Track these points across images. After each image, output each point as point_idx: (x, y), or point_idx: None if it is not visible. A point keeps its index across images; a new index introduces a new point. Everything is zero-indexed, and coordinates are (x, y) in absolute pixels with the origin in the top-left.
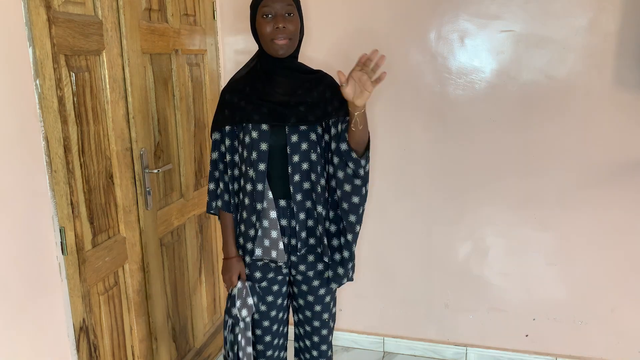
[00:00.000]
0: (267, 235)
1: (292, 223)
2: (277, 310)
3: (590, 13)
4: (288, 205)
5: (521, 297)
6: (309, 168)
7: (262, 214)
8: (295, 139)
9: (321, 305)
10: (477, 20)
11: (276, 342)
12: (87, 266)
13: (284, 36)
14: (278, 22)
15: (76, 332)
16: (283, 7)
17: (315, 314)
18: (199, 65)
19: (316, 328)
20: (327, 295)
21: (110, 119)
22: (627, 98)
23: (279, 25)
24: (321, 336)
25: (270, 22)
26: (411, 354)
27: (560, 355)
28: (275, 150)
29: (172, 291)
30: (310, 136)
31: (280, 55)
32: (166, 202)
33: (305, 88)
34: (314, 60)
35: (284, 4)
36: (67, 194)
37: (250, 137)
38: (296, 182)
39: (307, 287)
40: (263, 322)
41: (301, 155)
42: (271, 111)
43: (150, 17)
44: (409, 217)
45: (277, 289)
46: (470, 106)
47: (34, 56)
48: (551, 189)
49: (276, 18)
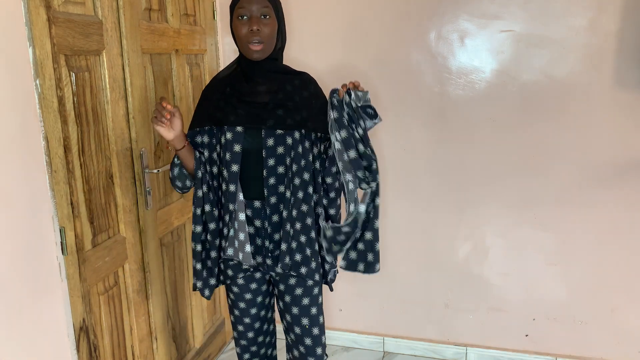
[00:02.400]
0: (237, 236)
1: (265, 224)
2: (258, 308)
3: (590, 13)
4: (262, 206)
5: (521, 297)
6: (284, 172)
7: (234, 215)
8: (271, 142)
9: (299, 307)
10: (477, 20)
11: (261, 340)
12: (87, 266)
13: (258, 39)
14: (252, 24)
15: (76, 332)
16: (259, 8)
17: (294, 316)
18: (199, 65)
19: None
20: (304, 297)
21: (110, 119)
22: (627, 98)
23: (253, 28)
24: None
25: (245, 24)
26: (411, 354)
27: (560, 355)
28: (251, 152)
29: (172, 291)
30: (287, 140)
31: (255, 59)
32: (166, 202)
33: (286, 91)
34: (310, 63)
35: (259, 6)
36: (67, 194)
37: (225, 138)
38: (271, 185)
39: (284, 286)
40: (244, 319)
41: (277, 158)
42: (248, 113)
43: (150, 17)
44: (408, 216)
45: (255, 287)
46: (470, 106)
47: (34, 56)
48: (551, 189)
49: (251, 20)
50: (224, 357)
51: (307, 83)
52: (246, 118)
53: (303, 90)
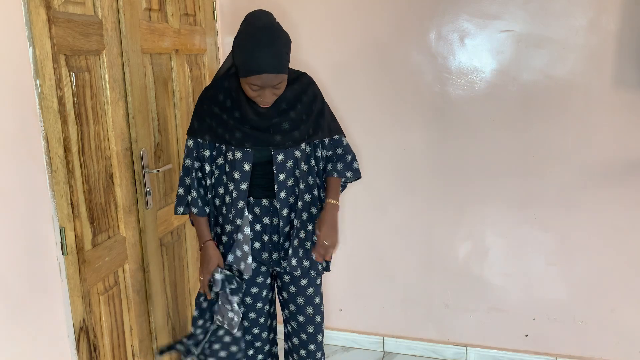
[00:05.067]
0: (240, 247)
1: (273, 221)
2: (263, 302)
3: (590, 13)
4: (270, 203)
5: (521, 297)
6: (293, 183)
7: (239, 228)
8: (281, 158)
9: (304, 297)
10: (477, 20)
11: (265, 336)
12: (87, 266)
13: (270, 102)
14: (264, 98)
15: (76, 332)
16: (270, 84)
17: (299, 306)
18: (199, 65)
19: (301, 323)
20: (309, 287)
21: (110, 119)
22: (627, 98)
23: (266, 100)
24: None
25: (255, 91)
26: (411, 354)
27: (560, 355)
28: (259, 165)
29: (172, 291)
30: (295, 154)
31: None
32: (166, 202)
33: (288, 99)
34: (310, 62)
35: (274, 82)
36: (67, 194)
37: (233, 156)
38: (283, 198)
39: (289, 277)
40: (250, 314)
41: (287, 172)
42: (254, 131)
43: (150, 17)
44: (409, 216)
45: (261, 281)
46: (470, 106)
47: (34, 56)
48: (551, 189)
49: (265, 91)
50: None
51: (306, 86)
52: (253, 139)
53: (302, 95)
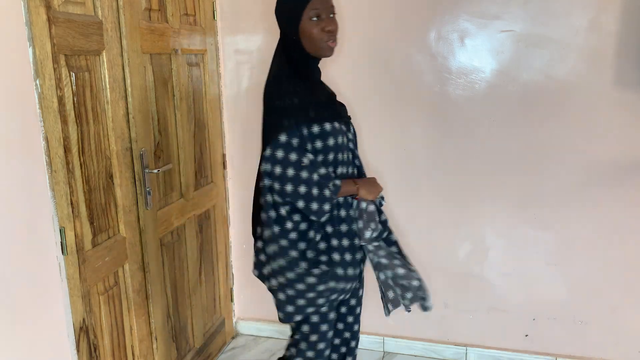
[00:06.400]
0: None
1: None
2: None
3: (590, 13)
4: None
5: (521, 297)
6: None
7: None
8: (351, 135)
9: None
10: (477, 20)
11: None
12: (87, 266)
13: (334, 38)
14: (327, 24)
15: (76, 332)
16: (328, 7)
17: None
18: (199, 65)
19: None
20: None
21: (110, 119)
22: (628, 98)
23: (329, 28)
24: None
25: (318, 24)
26: (411, 354)
27: (560, 355)
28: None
29: (172, 291)
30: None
31: (327, 56)
32: (166, 202)
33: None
34: None
35: (328, 5)
36: (67, 194)
37: (335, 139)
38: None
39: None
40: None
41: (355, 146)
42: (334, 111)
43: (150, 17)
44: (408, 216)
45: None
46: (470, 106)
47: (34, 56)
48: (551, 189)
49: (324, 20)
50: (224, 357)
51: None
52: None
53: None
